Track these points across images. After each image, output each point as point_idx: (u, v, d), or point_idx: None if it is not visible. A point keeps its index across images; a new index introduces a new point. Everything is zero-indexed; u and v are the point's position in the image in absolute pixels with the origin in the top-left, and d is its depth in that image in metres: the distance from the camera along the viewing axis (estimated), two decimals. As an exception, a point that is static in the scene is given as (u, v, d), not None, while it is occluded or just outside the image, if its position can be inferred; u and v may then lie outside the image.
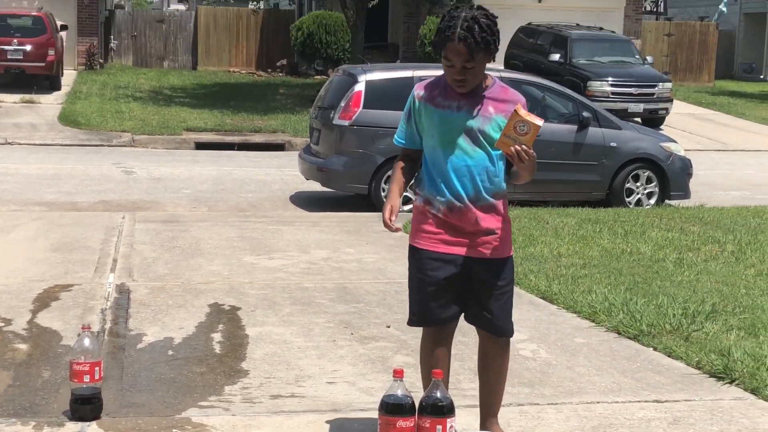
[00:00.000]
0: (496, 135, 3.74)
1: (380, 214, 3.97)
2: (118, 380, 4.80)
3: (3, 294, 6.43)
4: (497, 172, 3.86)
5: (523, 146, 3.62)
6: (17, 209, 10.18)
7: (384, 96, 10.91)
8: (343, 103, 10.79)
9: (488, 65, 3.81)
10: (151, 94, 21.45)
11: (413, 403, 3.68)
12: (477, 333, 4.04)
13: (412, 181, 4.06)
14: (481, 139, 3.80)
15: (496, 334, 3.92)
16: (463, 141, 3.81)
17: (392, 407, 3.65)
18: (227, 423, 4.26)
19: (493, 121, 3.80)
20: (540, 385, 4.92)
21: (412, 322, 3.99)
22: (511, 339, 3.99)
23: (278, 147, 16.54)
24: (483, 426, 4.02)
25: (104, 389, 4.39)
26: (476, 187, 3.83)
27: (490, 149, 3.80)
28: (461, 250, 3.84)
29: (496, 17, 3.79)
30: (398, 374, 3.70)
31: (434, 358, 3.95)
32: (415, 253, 3.94)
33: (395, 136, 4.16)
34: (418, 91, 3.97)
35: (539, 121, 3.62)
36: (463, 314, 3.97)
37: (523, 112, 3.62)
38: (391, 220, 3.84)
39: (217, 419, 4.30)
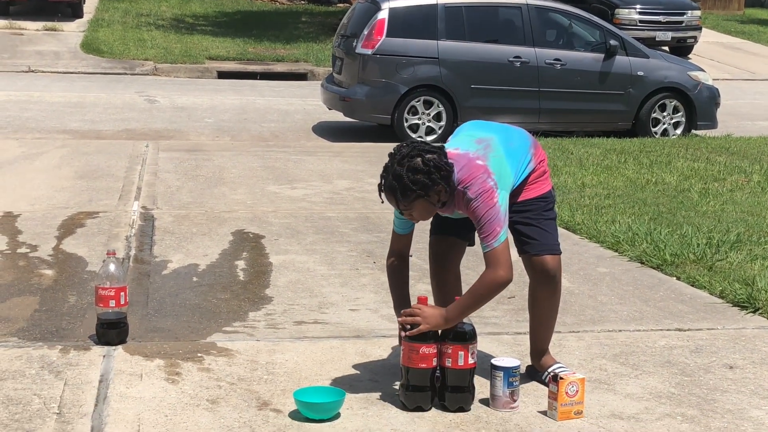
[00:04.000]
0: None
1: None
2: (144, 306, 4.86)
3: (29, 220, 6.49)
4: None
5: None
6: (41, 137, 10.22)
7: (408, 24, 10.78)
8: (366, 32, 10.68)
9: None
10: (173, 22, 21.32)
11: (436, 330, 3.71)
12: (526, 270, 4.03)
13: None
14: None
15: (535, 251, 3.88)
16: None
17: (415, 334, 3.67)
18: (252, 348, 4.30)
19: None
20: (562, 313, 4.90)
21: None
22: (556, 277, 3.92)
23: (301, 76, 16.44)
24: (533, 360, 4.05)
25: (130, 314, 4.45)
26: None
27: None
28: None
29: (431, 162, 3.58)
30: (422, 301, 3.72)
31: (437, 277, 4.02)
32: None
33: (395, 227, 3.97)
34: None
35: (580, 375, 3.71)
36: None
37: (563, 374, 3.69)
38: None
39: (242, 344, 4.35)
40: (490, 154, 3.76)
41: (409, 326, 3.66)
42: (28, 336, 4.39)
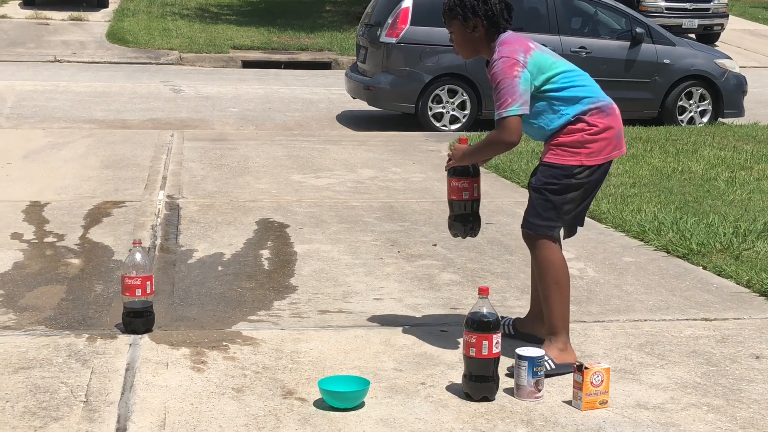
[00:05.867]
0: None
1: (427, 133, 4.04)
2: (170, 294, 4.89)
3: (55, 210, 6.54)
4: (536, 125, 3.96)
5: None
6: (67, 126, 10.28)
7: (432, 13, 10.74)
8: (390, 20, 10.67)
9: None
10: (198, 11, 21.39)
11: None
12: None
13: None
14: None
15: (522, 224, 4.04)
16: None
17: (448, 168, 4.10)
18: (276, 336, 4.32)
19: None
20: (587, 302, 4.91)
21: None
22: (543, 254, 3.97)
23: (325, 65, 16.46)
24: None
25: (155, 303, 4.47)
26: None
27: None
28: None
29: None
30: (462, 142, 4.08)
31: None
32: None
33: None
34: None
35: (605, 365, 3.70)
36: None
37: (588, 363, 3.68)
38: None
39: (267, 333, 4.36)
40: (547, 52, 3.94)
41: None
42: (55, 324, 4.43)
